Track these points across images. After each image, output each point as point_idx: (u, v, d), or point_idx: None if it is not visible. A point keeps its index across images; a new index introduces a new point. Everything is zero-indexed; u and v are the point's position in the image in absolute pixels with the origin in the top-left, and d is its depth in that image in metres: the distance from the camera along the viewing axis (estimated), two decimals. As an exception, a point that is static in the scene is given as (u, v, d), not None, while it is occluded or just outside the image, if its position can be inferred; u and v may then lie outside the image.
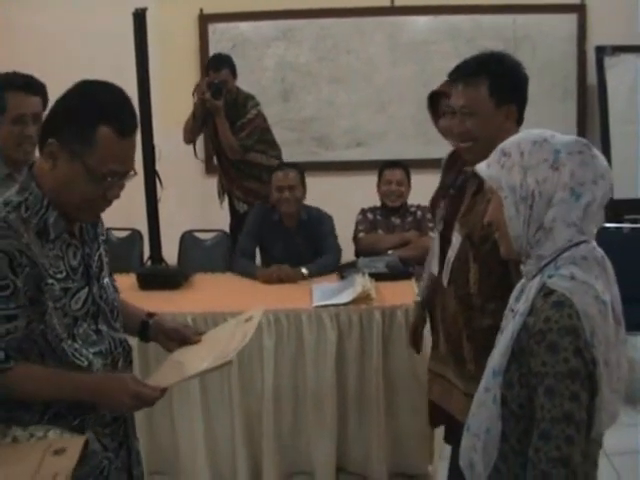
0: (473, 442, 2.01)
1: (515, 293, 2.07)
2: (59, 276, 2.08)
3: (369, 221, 5.43)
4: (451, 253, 2.86)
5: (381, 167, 5.52)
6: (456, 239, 2.84)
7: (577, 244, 1.91)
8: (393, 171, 5.42)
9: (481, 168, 2.04)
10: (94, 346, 2.17)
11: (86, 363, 2.14)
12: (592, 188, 1.91)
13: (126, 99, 2.10)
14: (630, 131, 6.41)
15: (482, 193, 2.77)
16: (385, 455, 4.12)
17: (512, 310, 2.02)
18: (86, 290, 2.16)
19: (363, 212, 5.49)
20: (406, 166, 5.47)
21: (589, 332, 1.82)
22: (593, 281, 1.87)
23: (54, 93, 3.25)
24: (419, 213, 5.34)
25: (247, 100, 5.85)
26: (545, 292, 1.88)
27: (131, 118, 2.08)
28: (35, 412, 2.12)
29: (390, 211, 5.43)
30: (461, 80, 2.71)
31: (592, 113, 6.97)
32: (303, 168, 5.12)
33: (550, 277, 1.90)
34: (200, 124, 5.84)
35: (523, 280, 2.04)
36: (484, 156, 2.72)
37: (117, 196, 2.11)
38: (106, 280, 2.27)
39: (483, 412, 1.98)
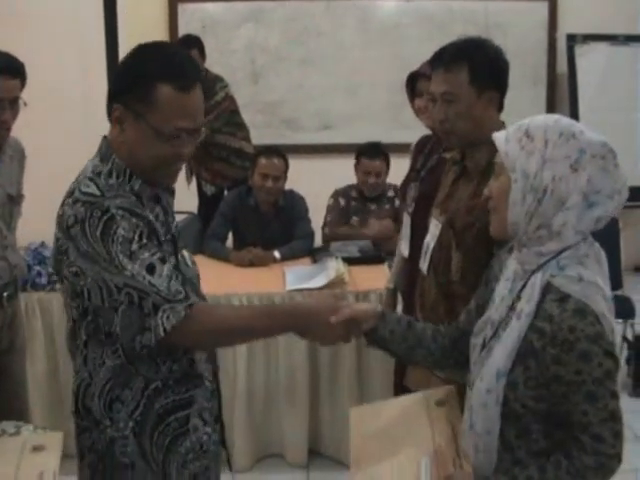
0: (476, 442, 1.98)
1: (507, 284, 2.00)
2: (162, 238, 2.07)
3: (340, 208, 5.29)
4: (430, 240, 2.82)
5: (359, 151, 5.26)
6: (435, 226, 2.80)
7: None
8: (372, 162, 5.16)
9: (499, 139, 1.92)
10: None
11: None
12: (607, 202, 1.85)
13: (182, 55, 2.06)
14: (600, 119, 6.40)
15: (464, 179, 2.76)
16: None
17: (510, 308, 1.95)
18: (174, 257, 2.13)
19: (336, 196, 5.35)
20: (386, 153, 5.23)
21: (610, 332, 1.82)
22: (597, 279, 1.86)
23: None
24: (396, 201, 5.11)
25: (216, 82, 5.82)
26: (560, 297, 1.84)
27: (190, 72, 2.03)
28: (136, 389, 2.08)
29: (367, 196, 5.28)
30: (441, 66, 2.67)
31: (562, 101, 7.01)
32: (286, 154, 5.04)
33: (553, 276, 1.86)
34: None
35: (515, 268, 1.99)
36: (464, 143, 2.72)
37: (190, 152, 2.05)
38: (184, 252, 2.24)
39: (484, 413, 1.94)
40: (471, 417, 2.01)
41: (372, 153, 5.20)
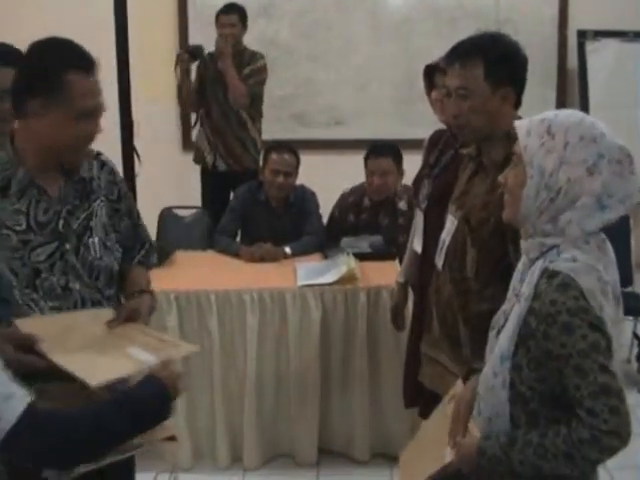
0: (486, 427, 2.01)
1: (517, 275, 2.06)
2: (17, 228, 2.24)
3: (342, 221, 4.92)
4: (445, 236, 2.82)
5: (367, 152, 4.87)
6: (451, 222, 2.80)
7: None
8: (377, 160, 4.75)
9: (521, 130, 1.95)
10: (55, 300, 2.27)
11: (38, 314, 2.24)
12: (618, 207, 1.89)
13: (75, 42, 2.29)
14: (610, 116, 6.35)
15: (480, 175, 2.76)
16: (368, 435, 4.11)
17: (516, 294, 2.00)
18: (54, 245, 2.28)
19: (342, 207, 4.97)
20: (396, 151, 4.83)
21: (598, 309, 1.84)
22: (595, 262, 1.89)
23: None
24: (409, 213, 4.47)
25: (255, 53, 5.92)
26: (550, 274, 1.88)
27: (88, 56, 2.26)
28: None
29: (377, 206, 4.84)
30: (457, 61, 2.68)
31: (572, 97, 6.98)
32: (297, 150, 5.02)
33: (552, 262, 1.90)
34: (197, 90, 5.90)
35: (523, 258, 2.04)
36: (478, 138, 2.72)
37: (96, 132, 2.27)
38: (93, 239, 2.36)
39: (492, 397, 1.99)
40: (479, 403, 2.06)
41: (378, 151, 4.83)
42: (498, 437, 1.95)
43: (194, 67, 5.94)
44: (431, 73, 3.35)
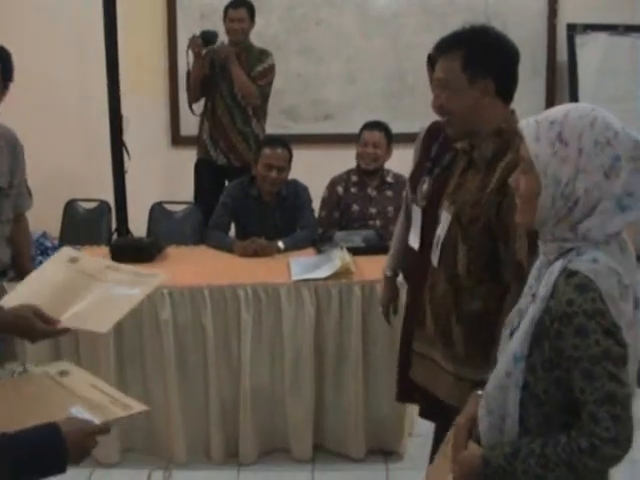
0: (499, 424, 1.97)
1: (534, 272, 2.01)
2: None
3: (335, 199, 5.20)
4: (440, 232, 2.78)
5: (361, 128, 5.24)
6: (445, 217, 2.75)
7: None
8: (371, 132, 5.13)
9: (529, 134, 1.86)
10: None
11: None
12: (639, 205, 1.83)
13: None
14: (600, 109, 6.41)
15: (472, 170, 2.71)
16: (363, 431, 4.09)
17: (533, 294, 1.95)
18: None
19: (331, 187, 5.26)
20: (387, 128, 5.19)
21: (615, 314, 1.78)
22: (615, 265, 1.83)
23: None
24: (396, 187, 5.06)
25: (263, 51, 5.92)
26: (567, 274, 1.83)
27: None
28: None
29: (366, 178, 5.17)
30: (440, 55, 2.67)
31: (562, 91, 6.98)
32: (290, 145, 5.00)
33: (572, 261, 1.85)
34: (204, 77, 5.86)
35: (541, 257, 1.99)
36: (463, 130, 2.68)
37: None
38: None
39: (505, 396, 1.94)
40: (487, 401, 2.01)
41: (372, 125, 5.21)
42: (503, 447, 1.91)
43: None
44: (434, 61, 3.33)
